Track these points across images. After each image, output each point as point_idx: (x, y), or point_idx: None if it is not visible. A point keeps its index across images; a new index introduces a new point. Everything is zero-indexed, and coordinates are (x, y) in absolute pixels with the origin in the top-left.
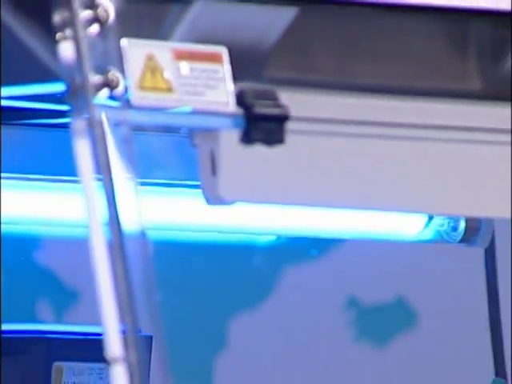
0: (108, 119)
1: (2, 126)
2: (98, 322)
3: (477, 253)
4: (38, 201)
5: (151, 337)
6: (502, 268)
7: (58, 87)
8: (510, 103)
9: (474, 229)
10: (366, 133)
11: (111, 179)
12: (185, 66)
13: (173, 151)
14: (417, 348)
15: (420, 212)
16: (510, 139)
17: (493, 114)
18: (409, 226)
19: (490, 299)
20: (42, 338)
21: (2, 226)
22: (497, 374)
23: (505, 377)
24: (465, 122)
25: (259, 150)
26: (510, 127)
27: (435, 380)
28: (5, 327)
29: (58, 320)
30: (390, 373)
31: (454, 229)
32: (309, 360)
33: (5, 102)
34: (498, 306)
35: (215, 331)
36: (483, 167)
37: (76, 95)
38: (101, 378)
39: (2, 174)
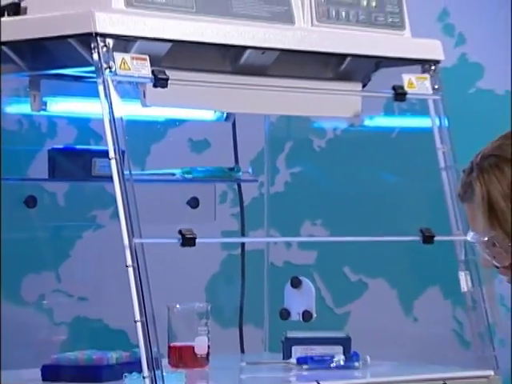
0: (110, 79)
1: (68, 78)
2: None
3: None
4: (85, 105)
5: (123, 151)
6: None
7: (92, 68)
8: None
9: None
10: (204, 84)
11: (111, 99)
12: (134, 62)
13: (131, 88)
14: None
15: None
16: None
17: None
18: (208, 114)
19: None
20: (88, 150)
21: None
22: None
23: None
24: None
25: (159, 89)
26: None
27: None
28: (73, 147)
29: (96, 144)
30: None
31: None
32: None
33: (74, 74)
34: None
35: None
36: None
37: (99, 71)
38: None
39: (74, 97)
